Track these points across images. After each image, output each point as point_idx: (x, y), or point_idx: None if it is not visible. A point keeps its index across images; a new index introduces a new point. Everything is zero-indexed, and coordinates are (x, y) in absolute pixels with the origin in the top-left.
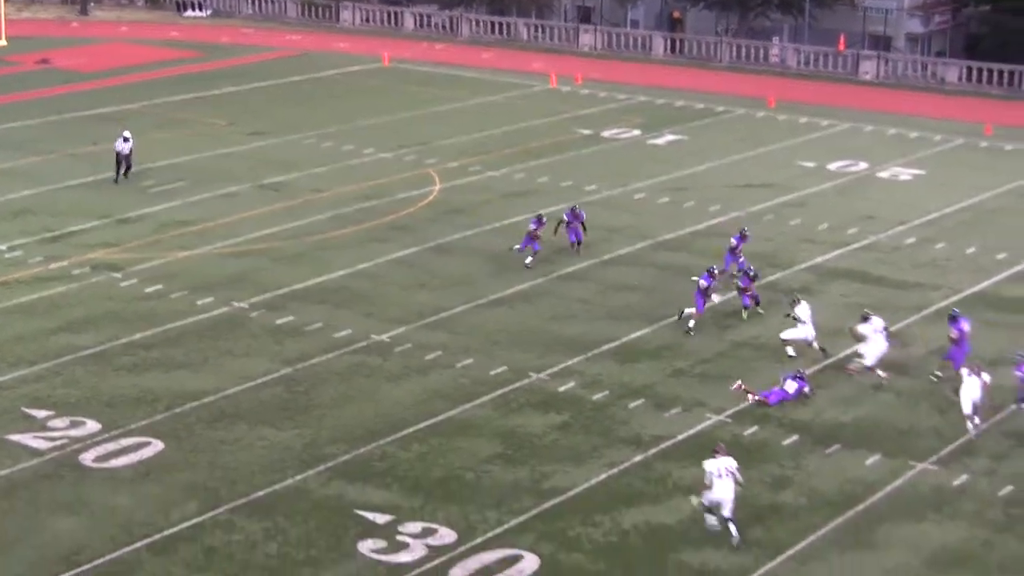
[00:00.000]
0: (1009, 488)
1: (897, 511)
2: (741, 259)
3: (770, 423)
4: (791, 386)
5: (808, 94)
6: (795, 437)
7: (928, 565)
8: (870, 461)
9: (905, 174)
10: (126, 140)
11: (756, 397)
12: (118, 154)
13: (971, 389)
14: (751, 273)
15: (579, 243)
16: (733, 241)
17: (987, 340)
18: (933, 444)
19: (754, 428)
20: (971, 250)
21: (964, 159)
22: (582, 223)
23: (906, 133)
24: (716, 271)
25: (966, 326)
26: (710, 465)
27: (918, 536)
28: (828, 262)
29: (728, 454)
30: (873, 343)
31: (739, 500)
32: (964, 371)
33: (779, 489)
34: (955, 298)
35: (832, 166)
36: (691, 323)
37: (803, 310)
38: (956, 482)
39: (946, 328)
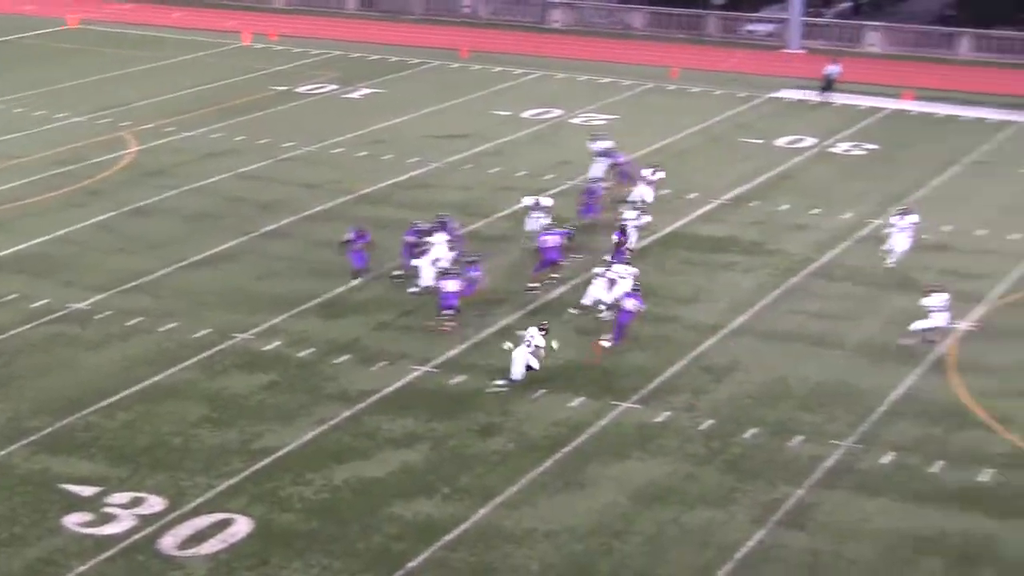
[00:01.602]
0: (709, 422)
1: (603, 451)
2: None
3: (476, 371)
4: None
5: (500, 44)
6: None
7: (635, 501)
8: (575, 403)
9: (598, 119)
10: None
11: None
12: None
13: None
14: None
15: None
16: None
17: (684, 278)
18: (635, 383)
19: (461, 377)
20: (664, 191)
21: (653, 103)
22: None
23: (597, 79)
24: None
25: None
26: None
27: (624, 473)
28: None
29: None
30: None
31: (463, 434)
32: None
33: (488, 436)
34: (651, 239)
35: (526, 114)
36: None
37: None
38: (658, 419)
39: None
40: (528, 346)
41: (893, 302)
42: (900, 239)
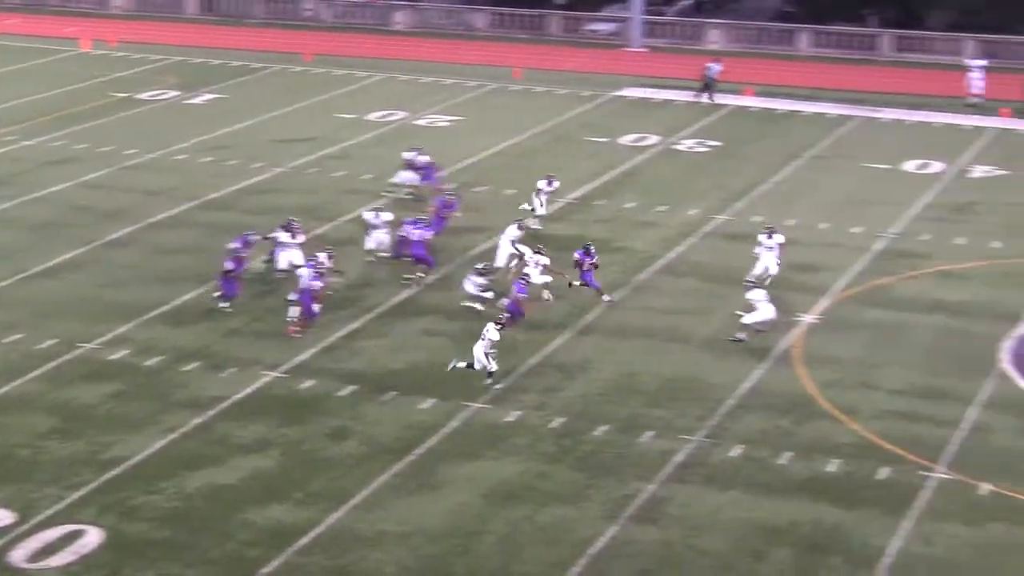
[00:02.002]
0: (560, 420)
1: (455, 452)
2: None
3: (325, 375)
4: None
5: (343, 47)
6: (351, 387)
7: (488, 500)
8: (425, 405)
9: (443, 121)
10: None
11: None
12: None
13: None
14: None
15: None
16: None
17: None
18: (484, 384)
19: (311, 382)
20: (511, 191)
21: (498, 103)
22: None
23: (441, 80)
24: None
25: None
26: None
27: (476, 473)
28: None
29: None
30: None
31: (315, 439)
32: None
33: (339, 440)
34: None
35: (371, 116)
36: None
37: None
38: (509, 419)
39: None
40: (483, 340)
41: (739, 297)
42: (768, 258)
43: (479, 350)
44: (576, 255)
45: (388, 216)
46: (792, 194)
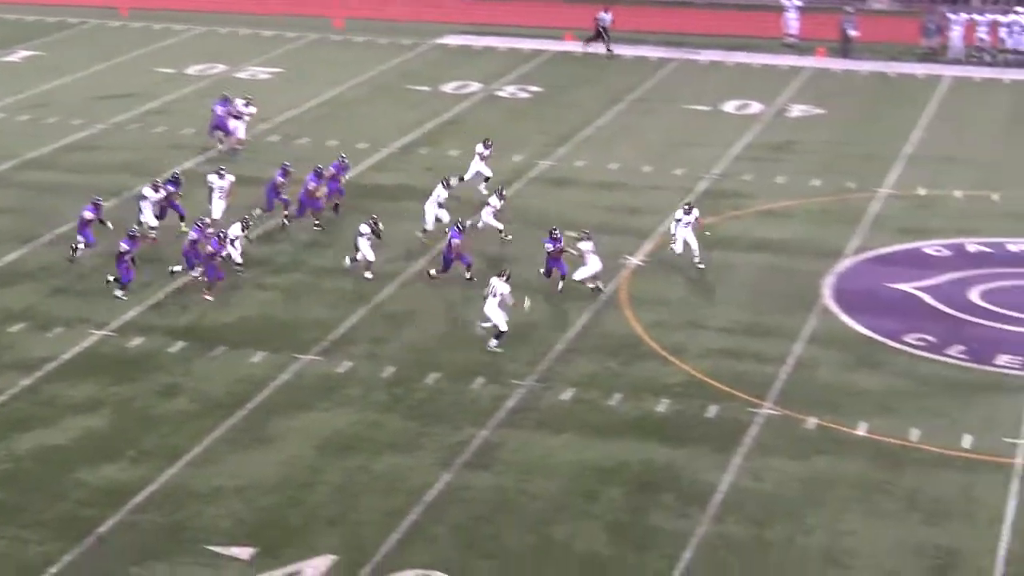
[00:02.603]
0: (391, 370)
1: (287, 404)
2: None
3: (155, 332)
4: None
5: (160, 0)
6: (181, 344)
7: (321, 452)
8: (256, 359)
9: (263, 73)
10: None
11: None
12: None
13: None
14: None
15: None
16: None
17: (347, 225)
18: (315, 335)
19: (140, 339)
20: (333, 142)
21: (318, 54)
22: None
23: (261, 32)
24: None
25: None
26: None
27: (310, 425)
28: (198, 167)
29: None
30: None
31: (146, 396)
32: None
33: (170, 397)
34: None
35: (191, 70)
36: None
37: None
38: (340, 369)
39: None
40: (495, 297)
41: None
42: (686, 233)
43: (492, 308)
44: (545, 244)
45: (231, 178)
46: (614, 138)
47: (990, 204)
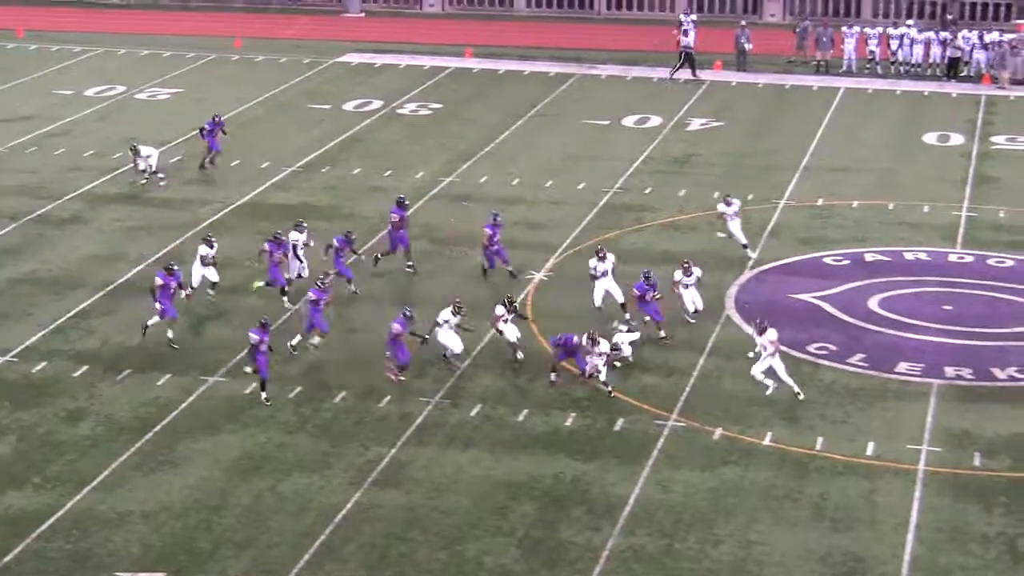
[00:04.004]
0: (298, 389)
1: (194, 427)
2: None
3: (57, 357)
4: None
5: (57, 22)
6: (85, 368)
7: (230, 474)
8: (161, 382)
9: (163, 93)
10: None
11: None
12: None
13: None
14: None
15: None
16: None
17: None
18: (221, 356)
19: (43, 364)
20: (236, 162)
21: (218, 74)
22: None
23: (159, 53)
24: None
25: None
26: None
27: (217, 448)
28: (97, 188)
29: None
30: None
31: (50, 421)
32: None
33: (76, 421)
34: (225, 211)
35: (89, 92)
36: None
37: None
38: (247, 391)
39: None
40: (445, 325)
41: (470, 258)
42: (734, 226)
43: (450, 334)
44: (636, 289)
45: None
46: (516, 153)
47: (886, 213)
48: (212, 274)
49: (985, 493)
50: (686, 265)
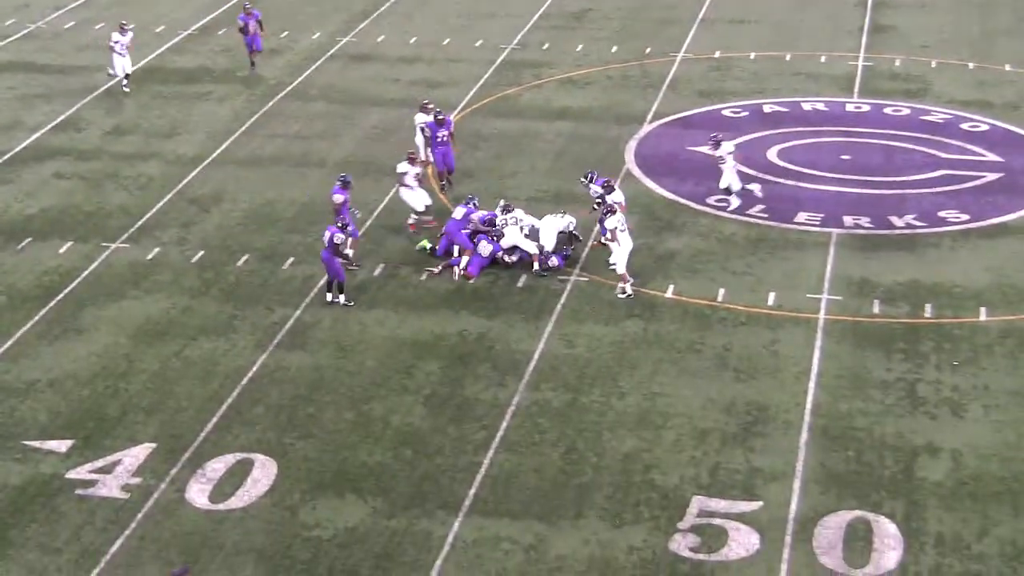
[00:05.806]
0: (200, 254)
1: (98, 294)
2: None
3: None
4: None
5: None
6: None
7: (136, 340)
8: (63, 249)
9: None
10: None
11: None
12: None
13: None
14: None
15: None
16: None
17: (159, 112)
18: (123, 223)
19: None
20: (131, 26)
21: None
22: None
23: None
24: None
25: None
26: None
27: (121, 314)
28: None
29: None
30: None
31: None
32: None
33: None
34: (122, 76)
35: None
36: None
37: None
38: (150, 256)
39: None
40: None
41: (369, 117)
42: (730, 175)
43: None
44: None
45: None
46: (413, 11)
47: (783, 64)
48: (127, 64)
49: (884, 340)
50: (713, 138)
